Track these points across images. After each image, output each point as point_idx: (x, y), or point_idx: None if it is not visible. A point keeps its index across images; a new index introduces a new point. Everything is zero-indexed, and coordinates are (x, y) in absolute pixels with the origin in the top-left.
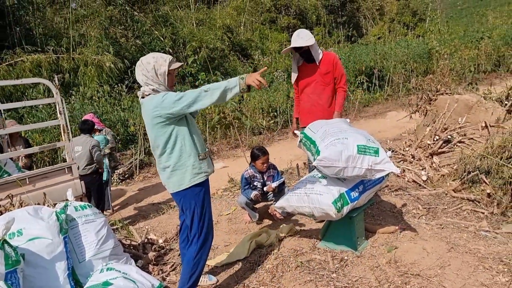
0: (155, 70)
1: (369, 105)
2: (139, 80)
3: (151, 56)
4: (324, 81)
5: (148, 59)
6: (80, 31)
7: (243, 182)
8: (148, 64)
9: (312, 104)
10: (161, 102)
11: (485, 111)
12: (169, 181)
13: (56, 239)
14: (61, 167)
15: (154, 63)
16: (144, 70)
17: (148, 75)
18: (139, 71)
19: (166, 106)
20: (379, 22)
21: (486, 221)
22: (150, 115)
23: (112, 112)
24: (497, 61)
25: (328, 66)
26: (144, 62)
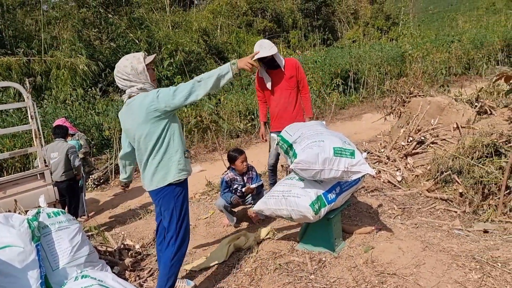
0: (134, 70)
1: (345, 107)
2: (123, 85)
3: (124, 59)
4: (290, 85)
5: (123, 63)
6: (52, 33)
7: (223, 186)
8: (125, 67)
9: (281, 109)
10: (157, 96)
11: (457, 113)
12: (154, 177)
13: (28, 247)
14: (33, 173)
15: (130, 64)
16: (124, 75)
17: (130, 78)
18: (120, 77)
19: (163, 100)
20: (354, 25)
21: (459, 220)
22: (144, 111)
23: (86, 116)
24: (467, 64)
25: (291, 70)
26: (121, 67)
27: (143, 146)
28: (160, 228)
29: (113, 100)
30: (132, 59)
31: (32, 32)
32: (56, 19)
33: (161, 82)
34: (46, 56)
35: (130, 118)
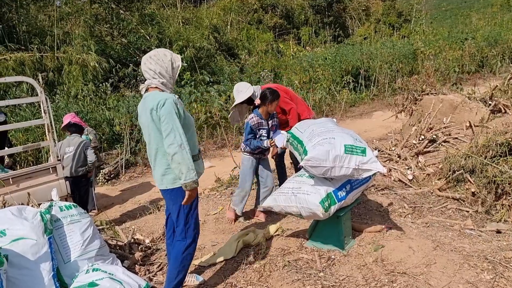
0: (171, 63)
1: (355, 105)
2: (151, 70)
3: (165, 50)
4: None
5: (164, 52)
6: (65, 29)
7: (247, 131)
8: (165, 56)
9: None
10: (160, 108)
11: (470, 111)
12: (164, 178)
13: (41, 240)
14: (46, 167)
15: (171, 56)
16: (160, 61)
17: (163, 66)
18: (154, 61)
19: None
20: (365, 22)
21: (471, 220)
22: (147, 113)
23: (97, 111)
24: (481, 61)
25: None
26: (161, 54)
27: (153, 145)
28: (169, 222)
29: (124, 95)
30: (173, 54)
31: (45, 28)
32: (68, 14)
33: None
34: (58, 52)
35: (143, 113)
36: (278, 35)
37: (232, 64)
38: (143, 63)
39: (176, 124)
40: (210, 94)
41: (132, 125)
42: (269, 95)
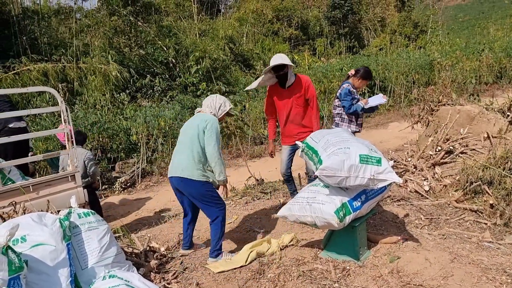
0: (220, 105)
1: (371, 115)
2: (207, 104)
3: (222, 98)
4: (299, 103)
5: (220, 97)
6: (84, 40)
7: (344, 94)
8: (220, 99)
9: (290, 127)
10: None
11: (487, 122)
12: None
13: (60, 246)
14: (65, 175)
15: (223, 102)
16: (213, 102)
17: (212, 106)
18: (211, 100)
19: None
20: (381, 33)
21: (489, 232)
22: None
23: (115, 121)
24: (499, 72)
25: (301, 88)
26: (218, 98)
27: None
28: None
29: (141, 105)
30: (226, 102)
31: (66, 39)
32: (88, 26)
33: (187, 88)
34: (79, 62)
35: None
36: (293, 46)
37: (247, 75)
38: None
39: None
40: None
41: (149, 134)
42: (363, 72)
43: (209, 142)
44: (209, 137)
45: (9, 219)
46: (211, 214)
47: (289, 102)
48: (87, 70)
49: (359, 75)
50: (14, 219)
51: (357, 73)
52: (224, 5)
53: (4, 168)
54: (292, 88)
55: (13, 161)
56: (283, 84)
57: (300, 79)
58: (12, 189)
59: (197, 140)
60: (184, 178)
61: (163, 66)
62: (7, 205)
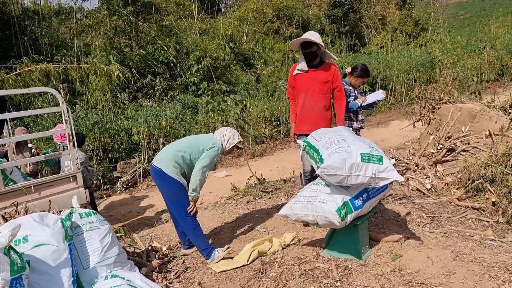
0: (229, 138)
1: (372, 114)
2: (217, 135)
3: (232, 131)
4: (322, 89)
5: (230, 130)
6: (85, 40)
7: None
8: (230, 131)
9: (307, 112)
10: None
11: (489, 120)
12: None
13: (61, 246)
14: (66, 176)
15: (232, 134)
16: (221, 134)
17: (222, 138)
18: (221, 132)
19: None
20: (382, 31)
21: (491, 230)
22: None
23: (116, 121)
24: (500, 70)
25: (328, 75)
26: (228, 130)
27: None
28: None
29: (142, 105)
30: (234, 135)
31: (67, 40)
32: (89, 27)
33: (188, 87)
34: (80, 63)
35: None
36: None
37: (248, 74)
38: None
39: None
40: (227, 103)
41: (150, 134)
42: (360, 70)
43: (202, 162)
44: (205, 158)
45: (11, 220)
46: (179, 215)
47: (311, 85)
48: (88, 71)
49: (356, 73)
50: (16, 220)
51: (354, 70)
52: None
53: (6, 168)
54: (318, 71)
55: (15, 162)
56: (309, 63)
57: (329, 65)
58: (14, 190)
59: (193, 150)
60: (159, 169)
61: (163, 66)
62: (9, 205)
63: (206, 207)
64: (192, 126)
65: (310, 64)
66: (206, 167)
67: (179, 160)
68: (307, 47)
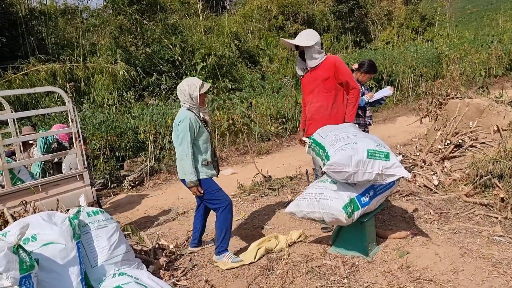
0: (189, 95)
1: (378, 110)
2: (180, 98)
3: (186, 84)
4: (325, 87)
5: (184, 86)
6: (91, 40)
7: None
8: (184, 90)
9: (314, 112)
10: (176, 124)
11: (497, 115)
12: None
13: (69, 244)
14: (73, 175)
15: (189, 89)
16: (182, 94)
17: (185, 98)
18: (179, 94)
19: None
20: (388, 27)
21: (500, 226)
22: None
23: (123, 119)
24: (509, 64)
25: (328, 71)
26: (182, 89)
27: None
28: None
29: (148, 104)
30: (191, 86)
31: (73, 39)
32: (94, 26)
33: None
34: (87, 62)
35: None
36: None
37: (253, 72)
38: (177, 93)
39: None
40: (232, 101)
41: (156, 132)
42: (367, 66)
43: (176, 144)
44: (175, 137)
45: (20, 219)
46: (213, 208)
47: (314, 86)
48: (94, 70)
49: (363, 69)
50: (24, 219)
51: (360, 67)
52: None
53: (13, 168)
54: (316, 70)
55: (22, 161)
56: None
57: (328, 60)
58: (22, 189)
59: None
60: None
61: (169, 64)
62: (18, 204)
63: None
64: None
65: (307, 65)
66: (180, 146)
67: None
68: (297, 46)
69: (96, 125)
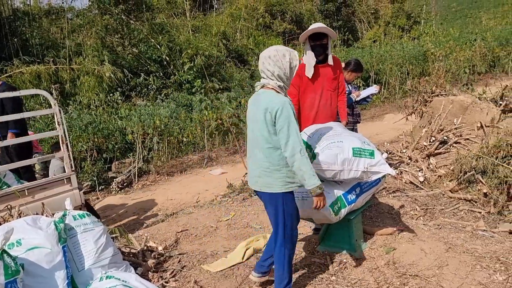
0: (290, 63)
1: (366, 108)
2: (269, 71)
3: (284, 49)
4: (332, 86)
5: (283, 51)
6: (77, 40)
7: None
8: (284, 57)
9: (319, 113)
10: (279, 112)
11: (480, 112)
12: (259, 179)
13: (55, 248)
14: (60, 178)
15: (289, 56)
16: (279, 62)
17: (282, 67)
18: (272, 62)
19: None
20: (374, 25)
21: (483, 221)
22: (260, 111)
23: (110, 121)
24: (492, 61)
25: (336, 70)
26: (280, 54)
27: (257, 144)
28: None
29: (136, 104)
30: (292, 53)
31: (58, 40)
32: (80, 26)
33: (182, 85)
34: (72, 63)
35: (256, 110)
36: (287, 41)
37: (242, 71)
38: (261, 62)
39: (296, 130)
40: (221, 101)
41: (145, 133)
42: (353, 65)
43: (285, 137)
44: (283, 129)
45: (4, 223)
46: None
47: (321, 83)
48: (80, 71)
49: (349, 68)
50: (8, 223)
51: (347, 66)
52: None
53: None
54: (326, 67)
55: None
56: (317, 58)
57: (335, 59)
58: (7, 193)
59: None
60: (261, 191)
61: (157, 64)
62: (3, 209)
63: (202, 206)
64: (187, 124)
65: (318, 59)
66: (290, 139)
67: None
68: (317, 38)
69: (83, 127)
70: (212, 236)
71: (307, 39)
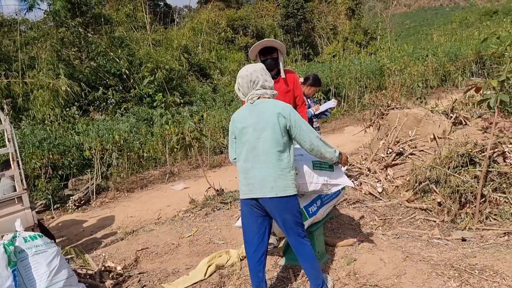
0: (270, 79)
1: (327, 120)
2: (266, 81)
3: (260, 68)
4: (285, 100)
5: (261, 72)
6: (30, 53)
7: None
8: (267, 75)
9: None
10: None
11: (433, 124)
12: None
13: (5, 273)
14: (11, 197)
15: (266, 74)
16: (268, 75)
17: (269, 80)
18: (266, 74)
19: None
20: (333, 41)
21: (438, 229)
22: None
23: (66, 136)
24: (444, 76)
25: (289, 84)
26: (265, 76)
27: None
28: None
29: (94, 119)
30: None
31: (10, 53)
32: (34, 39)
33: (143, 99)
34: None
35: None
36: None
37: (204, 85)
38: (260, 74)
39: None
40: (182, 115)
41: (103, 149)
42: (312, 80)
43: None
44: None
45: None
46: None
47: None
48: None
49: (308, 83)
50: None
51: (306, 80)
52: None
53: None
54: (279, 81)
55: None
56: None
57: (289, 73)
58: None
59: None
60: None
61: (116, 78)
62: None
63: (163, 222)
64: (148, 138)
65: (271, 74)
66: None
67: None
68: (267, 53)
69: (36, 143)
70: (173, 253)
71: (257, 55)
